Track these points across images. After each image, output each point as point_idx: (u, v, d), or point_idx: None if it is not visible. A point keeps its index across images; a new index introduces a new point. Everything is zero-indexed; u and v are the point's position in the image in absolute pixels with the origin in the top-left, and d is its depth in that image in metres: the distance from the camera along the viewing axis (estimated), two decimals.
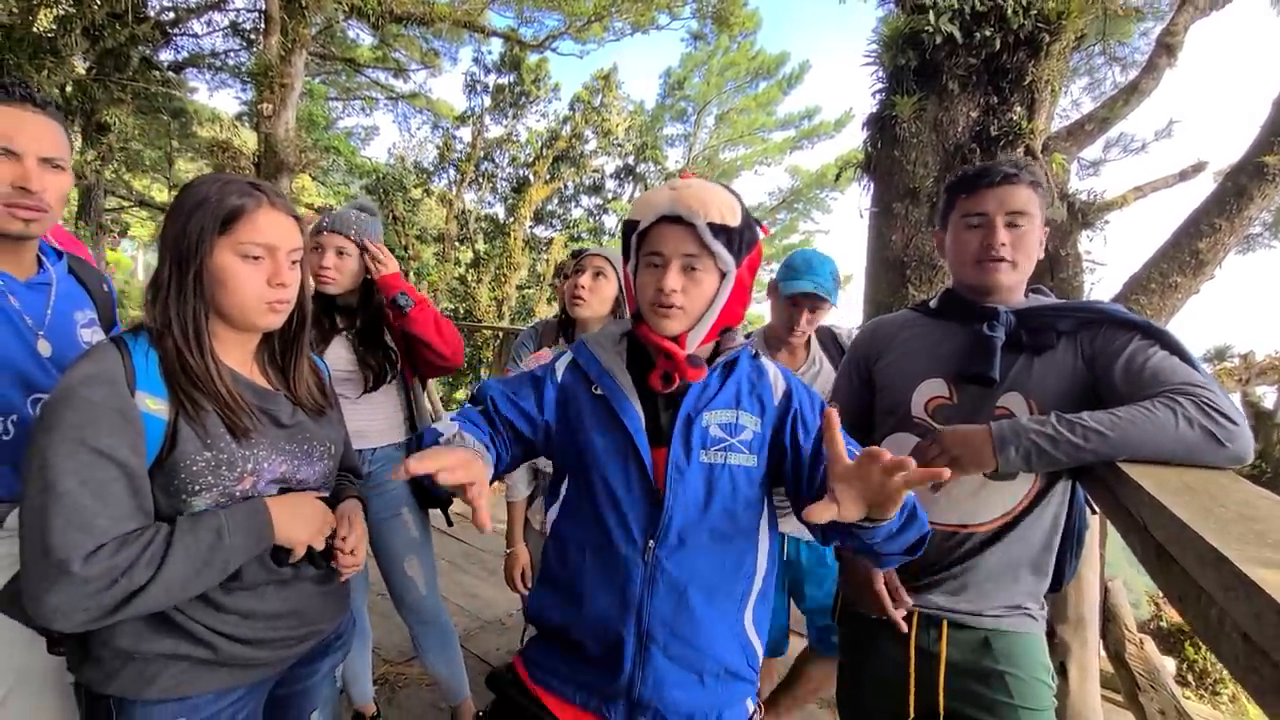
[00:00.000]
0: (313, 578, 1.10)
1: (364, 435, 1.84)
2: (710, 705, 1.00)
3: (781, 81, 18.83)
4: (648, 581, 0.96)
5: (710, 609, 0.99)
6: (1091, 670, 1.67)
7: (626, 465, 1.00)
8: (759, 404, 1.05)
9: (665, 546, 0.97)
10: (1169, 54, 4.45)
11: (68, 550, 0.79)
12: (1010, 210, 1.15)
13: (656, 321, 1.00)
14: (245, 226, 0.95)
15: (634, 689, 0.97)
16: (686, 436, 1.00)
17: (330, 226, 1.76)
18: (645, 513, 0.98)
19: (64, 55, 8.00)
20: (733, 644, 1.02)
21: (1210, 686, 5.29)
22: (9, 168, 1.04)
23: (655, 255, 0.99)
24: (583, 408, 1.05)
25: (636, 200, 1.05)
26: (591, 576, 1.00)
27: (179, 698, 0.95)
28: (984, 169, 1.19)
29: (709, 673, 0.99)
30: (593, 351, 1.09)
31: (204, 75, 12.71)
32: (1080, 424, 0.96)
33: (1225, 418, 0.91)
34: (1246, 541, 0.57)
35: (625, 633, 0.96)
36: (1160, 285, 3.91)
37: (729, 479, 1.00)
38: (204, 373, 0.94)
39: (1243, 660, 0.52)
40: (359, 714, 2.13)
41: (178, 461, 0.91)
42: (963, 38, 3.41)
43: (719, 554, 1.00)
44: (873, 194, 3.95)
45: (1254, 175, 3.58)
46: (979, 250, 1.17)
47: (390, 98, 16.37)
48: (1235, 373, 6.31)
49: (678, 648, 0.97)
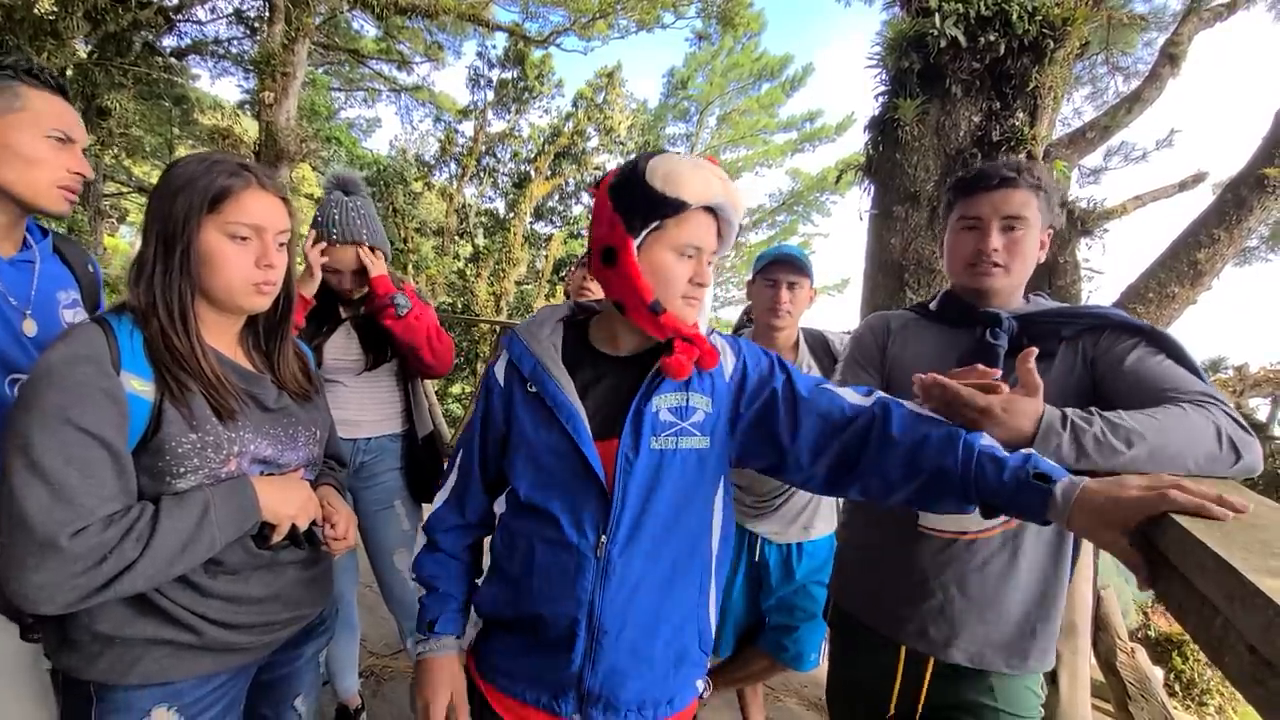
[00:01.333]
0: (296, 562, 1.09)
1: (358, 425, 1.83)
2: (662, 691, 0.99)
3: (785, 84, 18.85)
4: (600, 576, 0.93)
5: (664, 598, 0.97)
6: (1083, 678, 1.66)
7: (572, 463, 0.96)
8: (709, 382, 1.00)
9: (617, 542, 0.94)
10: (1172, 64, 4.45)
11: (54, 527, 0.77)
12: (1006, 215, 1.14)
13: (688, 313, 0.97)
14: (233, 207, 0.94)
15: (584, 681, 0.95)
16: (637, 426, 0.95)
17: (342, 238, 1.69)
18: (595, 508, 0.95)
19: (65, 38, 7.94)
20: (687, 629, 1.00)
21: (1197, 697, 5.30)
22: (68, 155, 1.11)
23: (690, 247, 0.94)
24: (522, 405, 1.02)
25: (680, 171, 0.91)
26: (542, 572, 0.97)
27: (161, 683, 0.94)
28: (983, 171, 1.17)
29: (660, 660, 0.97)
30: (525, 342, 1.04)
31: (206, 62, 12.66)
32: (1124, 427, 0.89)
33: (1242, 427, 0.90)
34: (1252, 551, 0.56)
35: (578, 627, 0.94)
36: (1158, 295, 3.92)
37: (680, 464, 0.97)
38: (189, 353, 0.93)
39: (1249, 672, 0.50)
40: (344, 707, 2.10)
41: (163, 443, 0.89)
42: (967, 41, 3.40)
43: (672, 542, 0.97)
44: (873, 197, 3.93)
45: (1254, 187, 3.58)
46: (971, 254, 1.16)
47: (393, 90, 16.33)
48: (1230, 384, 6.33)
49: (629, 639, 0.95)
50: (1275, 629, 0.46)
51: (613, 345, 1.04)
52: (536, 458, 0.99)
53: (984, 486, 0.82)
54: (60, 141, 1.10)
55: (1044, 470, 0.78)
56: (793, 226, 20.79)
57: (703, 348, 0.96)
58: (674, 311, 0.95)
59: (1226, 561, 0.54)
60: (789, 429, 0.97)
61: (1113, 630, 2.00)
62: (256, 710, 1.16)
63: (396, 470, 1.90)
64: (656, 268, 0.94)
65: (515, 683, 1.01)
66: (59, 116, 1.10)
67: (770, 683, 2.61)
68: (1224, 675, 0.54)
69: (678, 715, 1.01)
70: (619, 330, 1.03)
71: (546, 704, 0.98)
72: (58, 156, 1.10)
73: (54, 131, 1.09)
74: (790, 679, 2.77)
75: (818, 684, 2.66)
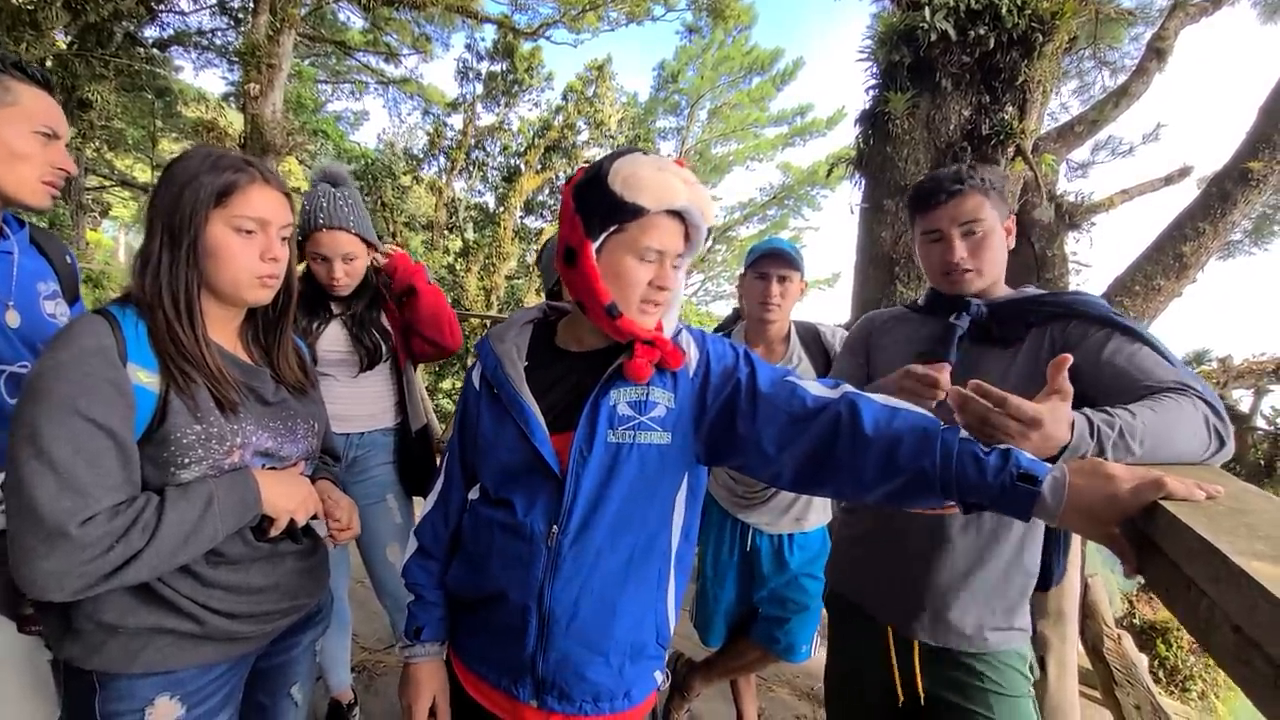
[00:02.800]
0: (294, 553, 1.11)
1: (350, 420, 1.82)
2: (616, 683, 0.99)
3: (775, 77, 18.84)
4: (550, 567, 0.95)
5: (618, 591, 0.97)
6: (1070, 665, 1.68)
7: (525, 456, 0.98)
8: (672, 378, 0.99)
9: (568, 533, 0.94)
10: (1159, 58, 4.48)
11: (62, 516, 0.78)
12: (963, 222, 1.19)
13: (644, 317, 0.96)
14: (239, 200, 0.96)
15: (537, 667, 0.97)
16: (593, 419, 0.96)
17: (329, 223, 1.66)
18: (549, 499, 0.96)
19: (44, 28, 7.79)
20: (643, 623, 1.00)
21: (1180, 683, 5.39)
22: (53, 150, 1.11)
23: (651, 251, 0.93)
24: (486, 403, 1.05)
25: (641, 175, 0.90)
26: (497, 556, 0.99)
27: (164, 671, 0.95)
28: (933, 185, 1.22)
29: (615, 653, 0.98)
30: (490, 344, 1.07)
31: (190, 54, 12.47)
32: (1137, 428, 0.87)
33: (1221, 415, 0.92)
34: (1237, 535, 0.57)
35: (528, 614, 0.96)
36: (1144, 287, 3.95)
37: (637, 458, 0.96)
38: (193, 346, 0.95)
39: (1234, 652, 0.51)
40: (336, 702, 2.10)
41: (168, 433, 0.91)
42: (957, 35, 3.42)
43: (628, 536, 0.97)
44: (864, 191, 3.95)
45: (1238, 181, 3.62)
46: (941, 264, 1.22)
47: (381, 82, 16.19)
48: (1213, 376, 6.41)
49: (579, 630, 0.95)
50: (1259, 609, 0.47)
51: (577, 343, 1.05)
52: (496, 453, 1.01)
53: (965, 486, 0.79)
54: (47, 137, 1.10)
55: (1026, 468, 0.76)
56: (784, 220, 20.83)
57: (664, 349, 0.96)
58: (630, 316, 0.95)
59: (1213, 545, 0.55)
60: (749, 420, 0.95)
61: (1100, 617, 2.03)
62: (254, 698, 1.17)
63: (389, 464, 1.90)
64: (616, 271, 0.94)
65: (478, 662, 1.04)
66: (47, 112, 1.10)
67: (762, 673, 2.63)
68: (1211, 656, 0.55)
69: (636, 708, 1.02)
70: (582, 329, 1.05)
71: (506, 686, 1.00)
72: (44, 152, 1.10)
73: (42, 127, 1.09)
74: (782, 669, 2.79)
75: (810, 674, 2.68)
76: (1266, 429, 6.85)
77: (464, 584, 1.06)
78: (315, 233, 1.68)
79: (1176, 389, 0.94)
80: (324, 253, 1.69)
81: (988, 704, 1.15)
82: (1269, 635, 0.46)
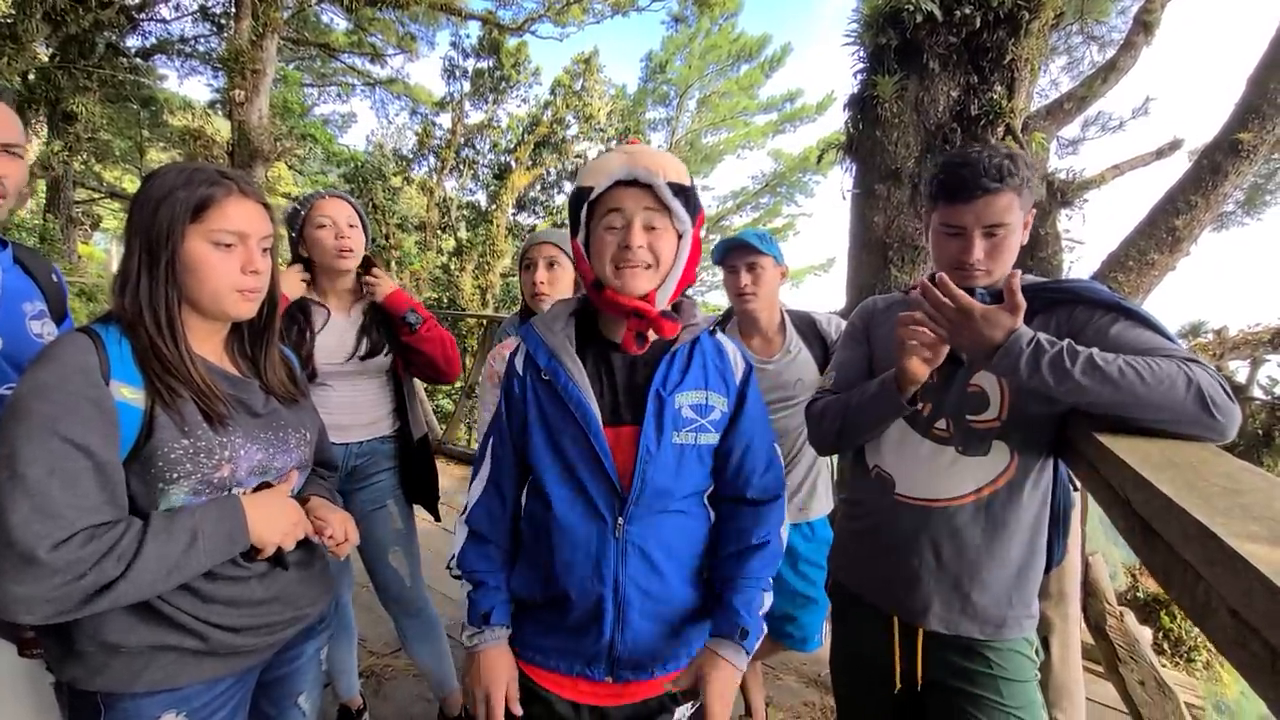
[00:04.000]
0: (294, 563, 1.11)
1: (349, 429, 1.81)
2: (680, 646, 1.08)
3: (763, 64, 18.73)
4: (621, 555, 1.02)
5: (676, 565, 1.06)
6: (1074, 644, 1.69)
7: (585, 449, 1.01)
8: (724, 384, 1.10)
9: (635, 523, 1.02)
10: (1146, 32, 4.46)
11: (34, 539, 0.77)
12: (988, 224, 1.13)
13: (624, 281, 1.00)
14: (216, 214, 0.95)
15: (615, 649, 1.03)
16: (659, 418, 1.02)
17: (331, 193, 1.74)
18: (609, 494, 1.02)
19: (24, 41, 7.73)
20: (696, 591, 1.10)
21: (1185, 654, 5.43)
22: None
23: (615, 214, 0.99)
24: (538, 394, 1.07)
25: (586, 168, 1.04)
26: (565, 555, 1.03)
27: (169, 689, 0.95)
28: (968, 177, 1.13)
29: (678, 620, 1.07)
30: (540, 335, 1.09)
31: (173, 62, 12.37)
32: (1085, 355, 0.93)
33: (1224, 392, 0.91)
34: (1233, 516, 0.57)
35: (604, 603, 1.02)
36: (1138, 262, 3.95)
37: (696, 458, 1.05)
38: (178, 361, 0.94)
39: (1231, 636, 0.51)
40: (345, 707, 2.11)
41: (155, 449, 0.90)
42: (943, 16, 3.39)
43: (682, 521, 1.07)
44: (854, 176, 3.93)
45: (1229, 153, 3.61)
46: (955, 260, 1.18)
47: (367, 84, 16.09)
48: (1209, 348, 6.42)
49: (651, 606, 1.04)
50: (1255, 593, 0.47)
51: (618, 334, 1.08)
52: (553, 445, 1.04)
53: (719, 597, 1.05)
54: None
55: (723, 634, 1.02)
56: (776, 208, 20.76)
57: (650, 314, 1.00)
58: (614, 284, 1.01)
59: (1207, 528, 0.55)
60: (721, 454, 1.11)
61: (1101, 595, 2.03)
62: (261, 709, 1.17)
63: (390, 471, 1.90)
64: (593, 248, 1.03)
65: (549, 657, 1.07)
66: None
67: (769, 661, 2.64)
68: (1208, 639, 0.55)
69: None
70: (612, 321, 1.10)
71: (580, 671, 1.05)
72: None
73: None
74: (790, 657, 2.80)
75: (817, 661, 2.69)
76: (1263, 399, 6.86)
77: (531, 586, 1.09)
78: (318, 201, 1.70)
79: (1177, 359, 0.94)
80: (329, 215, 1.70)
81: (996, 689, 1.15)
82: (1266, 620, 0.46)
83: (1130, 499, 0.75)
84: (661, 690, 1.07)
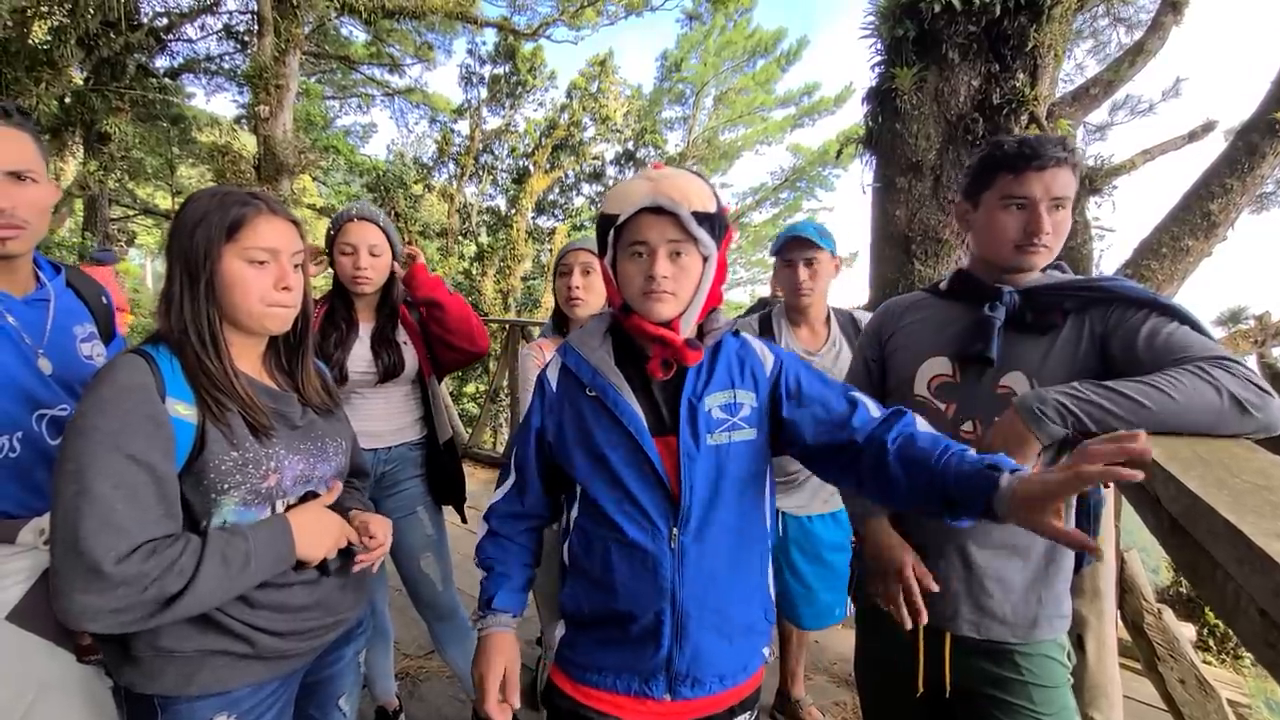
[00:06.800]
0: (334, 570, 1.15)
1: (379, 435, 1.86)
2: (738, 662, 1.07)
3: (780, 58, 18.56)
4: (678, 567, 1.01)
5: (734, 577, 1.05)
6: (1109, 643, 1.66)
7: (635, 461, 1.02)
8: (752, 379, 1.09)
9: (689, 533, 1.01)
10: (1175, 11, 4.33)
11: (100, 551, 0.81)
12: (1055, 195, 1.10)
13: (650, 308, 1.01)
14: (249, 233, 0.99)
15: (673, 664, 1.02)
16: (693, 423, 1.03)
17: (359, 214, 1.77)
18: (662, 503, 1.02)
19: (60, 66, 7.99)
20: (754, 603, 1.09)
21: (1232, 650, 5.26)
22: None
23: (639, 245, 1.00)
24: (582, 410, 1.08)
25: (611, 193, 1.05)
26: (621, 568, 1.03)
27: (220, 692, 0.99)
28: (1032, 148, 1.10)
29: (736, 634, 1.06)
30: (580, 352, 1.10)
31: (200, 80, 12.70)
32: (1107, 388, 0.93)
33: (1257, 386, 0.90)
34: (1263, 514, 0.56)
35: (663, 616, 1.01)
36: (1171, 249, 3.84)
37: (736, 456, 1.04)
38: (223, 376, 0.99)
39: (1260, 636, 0.50)
40: (382, 709, 2.16)
41: (207, 462, 0.95)
42: (961, 5, 3.34)
43: (737, 526, 1.04)
44: (875, 169, 3.89)
45: (1266, 133, 3.49)
46: (1020, 235, 1.12)
47: (386, 94, 16.30)
48: (1251, 335, 6.20)
49: (710, 619, 1.02)
50: None
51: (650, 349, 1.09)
52: (602, 459, 1.04)
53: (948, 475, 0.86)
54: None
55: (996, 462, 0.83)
56: (796, 203, 20.56)
57: (675, 343, 1.02)
58: (637, 310, 1.04)
59: (1236, 526, 0.54)
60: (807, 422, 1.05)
61: (1138, 592, 1.99)
62: (304, 711, 1.22)
63: (418, 477, 1.94)
64: (620, 274, 1.05)
65: (605, 676, 1.07)
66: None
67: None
68: (1238, 638, 0.55)
69: (751, 679, 1.11)
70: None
71: (638, 690, 1.04)
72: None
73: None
74: (820, 657, 2.79)
75: (848, 661, 2.68)
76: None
77: (584, 602, 1.09)
78: (346, 224, 1.76)
79: (1198, 363, 0.93)
80: (352, 242, 1.75)
81: (1028, 696, 1.13)
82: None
83: (1159, 496, 0.74)
84: (721, 708, 1.06)
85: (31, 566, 1.06)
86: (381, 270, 1.81)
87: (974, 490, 0.82)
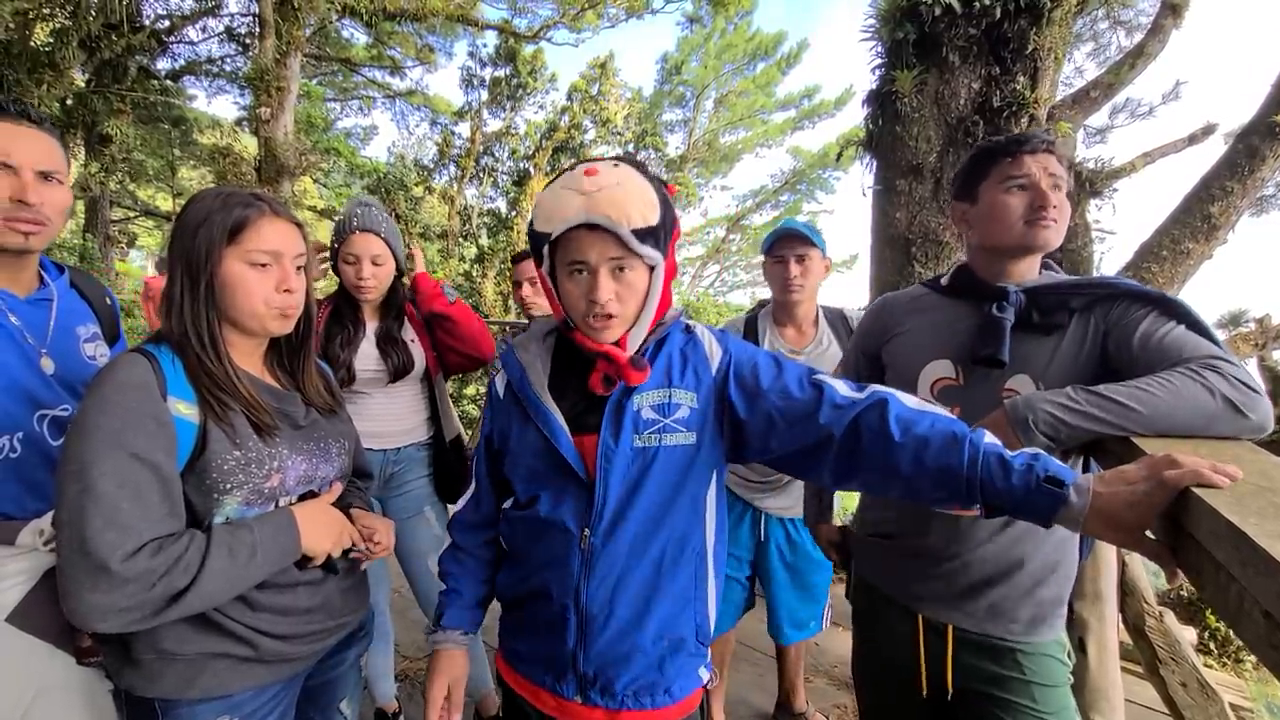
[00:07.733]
0: (342, 569, 1.15)
1: (387, 436, 1.86)
2: (657, 679, 1.00)
3: (780, 61, 18.61)
4: (584, 566, 0.97)
5: (653, 589, 0.98)
6: (1111, 646, 1.65)
7: (551, 459, 0.99)
8: (695, 377, 1.01)
9: (599, 534, 0.96)
10: (1175, 14, 4.34)
11: (107, 550, 0.81)
12: (1052, 173, 1.14)
13: (594, 333, 0.96)
14: (251, 235, 0.99)
15: (579, 663, 0.99)
16: (616, 422, 0.97)
17: (362, 225, 1.76)
18: (577, 501, 0.98)
19: (62, 68, 8.02)
20: (681, 620, 1.01)
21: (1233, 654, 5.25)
22: (7, 182, 1.05)
23: (578, 264, 0.93)
24: (511, 410, 1.07)
25: (539, 205, 0.95)
26: (534, 558, 1.03)
27: (222, 695, 0.99)
28: (1021, 136, 1.16)
29: (653, 649, 0.99)
30: (516, 354, 1.09)
31: (202, 82, 12.73)
32: (1099, 394, 0.92)
33: (1248, 387, 0.90)
34: (1266, 516, 0.56)
35: (568, 612, 0.99)
36: (1172, 252, 3.83)
37: (664, 461, 0.97)
38: (224, 377, 0.98)
39: (1265, 639, 0.50)
40: (382, 711, 2.15)
41: (209, 461, 0.94)
42: (961, 7, 3.35)
43: (660, 535, 0.98)
44: (875, 172, 3.89)
45: (1266, 135, 3.49)
46: (1027, 211, 1.14)
47: (387, 96, 16.34)
48: (1251, 337, 6.20)
49: (617, 626, 0.97)
50: None
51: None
52: (522, 457, 1.04)
53: (990, 489, 0.78)
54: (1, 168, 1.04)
55: (1054, 472, 0.74)
56: (796, 206, 20.61)
57: (619, 361, 0.95)
58: (585, 333, 0.98)
59: (1239, 528, 0.54)
60: (779, 418, 0.95)
61: (1140, 595, 1.98)
62: (305, 715, 1.21)
63: (425, 478, 1.94)
64: (560, 292, 0.98)
65: (524, 663, 1.07)
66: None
67: None
68: (1242, 641, 0.54)
69: (680, 703, 1.03)
70: None
71: (551, 685, 1.02)
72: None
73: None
74: (820, 660, 2.79)
75: (848, 662, 2.67)
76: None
77: (509, 582, 1.10)
78: (349, 235, 1.76)
79: (1190, 365, 0.93)
80: (355, 253, 1.76)
81: (1030, 695, 1.13)
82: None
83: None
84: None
85: (31, 568, 1.06)
86: (385, 278, 1.81)
87: (1034, 508, 0.75)
